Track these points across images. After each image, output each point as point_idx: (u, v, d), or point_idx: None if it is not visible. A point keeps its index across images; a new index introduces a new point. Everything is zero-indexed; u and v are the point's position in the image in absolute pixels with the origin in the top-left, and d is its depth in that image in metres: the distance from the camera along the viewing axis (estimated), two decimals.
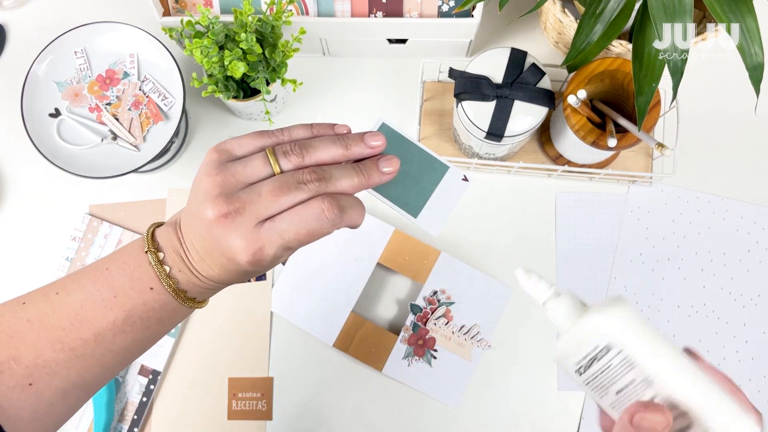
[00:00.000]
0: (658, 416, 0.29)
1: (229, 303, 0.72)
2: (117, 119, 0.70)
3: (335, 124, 0.38)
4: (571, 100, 0.59)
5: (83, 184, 0.74)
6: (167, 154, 0.73)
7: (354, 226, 0.36)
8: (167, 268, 0.36)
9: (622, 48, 0.63)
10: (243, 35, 0.61)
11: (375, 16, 0.69)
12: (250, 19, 0.62)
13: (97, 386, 0.37)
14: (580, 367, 0.33)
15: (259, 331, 0.72)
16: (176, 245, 0.37)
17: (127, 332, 0.36)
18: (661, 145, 0.56)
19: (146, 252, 0.36)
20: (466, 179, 0.39)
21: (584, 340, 0.32)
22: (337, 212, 0.34)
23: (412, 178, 0.39)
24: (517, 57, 0.62)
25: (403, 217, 0.39)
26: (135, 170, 0.67)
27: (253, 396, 0.69)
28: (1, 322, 0.35)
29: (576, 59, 0.58)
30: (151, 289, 0.36)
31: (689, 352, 0.33)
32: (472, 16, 0.66)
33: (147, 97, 0.70)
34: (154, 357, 0.71)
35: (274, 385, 0.70)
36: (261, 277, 0.73)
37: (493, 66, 0.62)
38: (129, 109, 0.70)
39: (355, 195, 0.37)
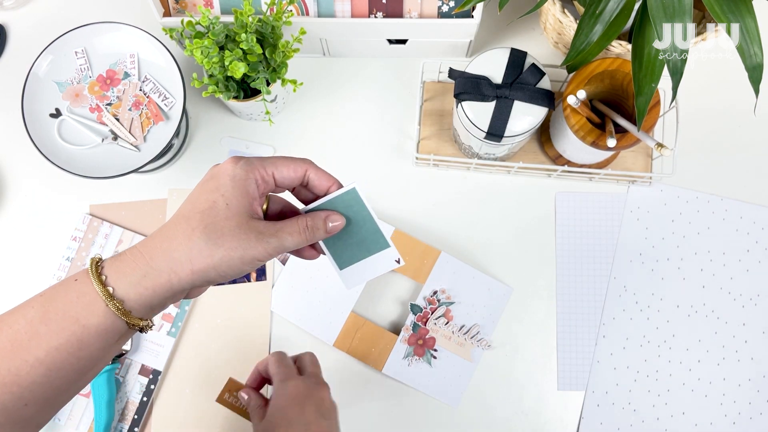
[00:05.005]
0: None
1: (229, 303, 0.72)
2: (117, 119, 0.70)
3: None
4: (571, 100, 0.59)
5: (84, 184, 0.74)
6: (168, 154, 0.73)
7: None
8: (111, 288, 0.37)
9: (621, 48, 0.63)
10: (243, 35, 0.61)
11: (375, 17, 0.69)
12: (250, 19, 0.62)
13: (18, 416, 0.36)
14: None
15: (259, 331, 0.72)
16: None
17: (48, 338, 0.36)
18: (660, 145, 0.56)
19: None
20: (399, 261, 0.44)
21: None
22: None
23: (355, 240, 0.43)
24: (517, 57, 0.62)
25: (330, 264, 0.44)
26: (135, 170, 0.67)
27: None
28: None
29: (576, 59, 0.58)
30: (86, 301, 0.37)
31: None
32: (472, 16, 0.66)
33: (147, 97, 0.70)
34: (154, 357, 0.71)
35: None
36: (261, 277, 0.73)
37: (493, 66, 0.62)
38: (129, 110, 0.70)
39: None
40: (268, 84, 0.67)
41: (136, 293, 0.37)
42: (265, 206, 0.43)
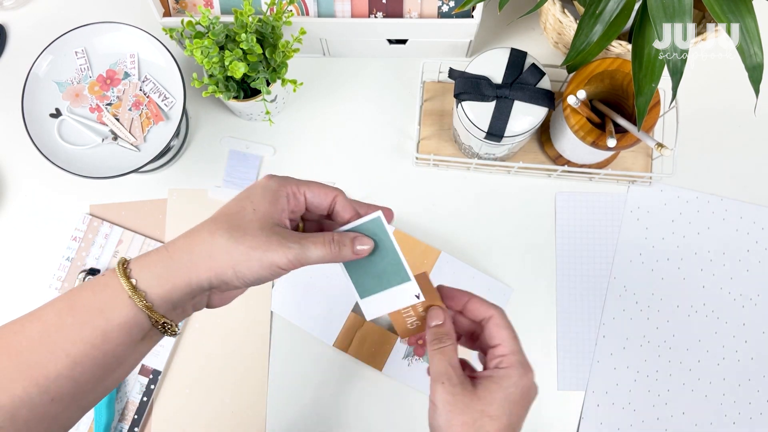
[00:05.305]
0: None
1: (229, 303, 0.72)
2: (117, 119, 0.70)
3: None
4: (571, 100, 0.59)
5: (84, 184, 0.74)
6: (168, 154, 0.73)
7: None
8: (134, 280, 0.38)
9: (621, 48, 0.63)
10: (243, 35, 0.61)
11: (375, 17, 0.69)
12: (250, 19, 0.62)
13: (44, 413, 0.36)
14: None
15: (259, 331, 0.72)
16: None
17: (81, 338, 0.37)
18: (660, 145, 0.56)
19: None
20: (418, 297, 0.43)
21: None
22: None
23: (377, 270, 0.43)
24: (517, 57, 0.62)
25: (351, 291, 0.44)
26: (135, 170, 0.67)
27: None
28: None
29: (576, 59, 0.58)
30: (117, 304, 0.37)
31: None
32: (472, 16, 0.66)
33: (147, 97, 0.70)
34: (154, 357, 0.71)
35: (268, 385, 0.71)
36: None
37: (493, 66, 0.62)
38: (129, 110, 0.70)
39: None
40: (268, 84, 0.67)
41: (157, 285, 0.38)
42: (300, 227, 0.45)
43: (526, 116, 0.61)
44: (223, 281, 0.38)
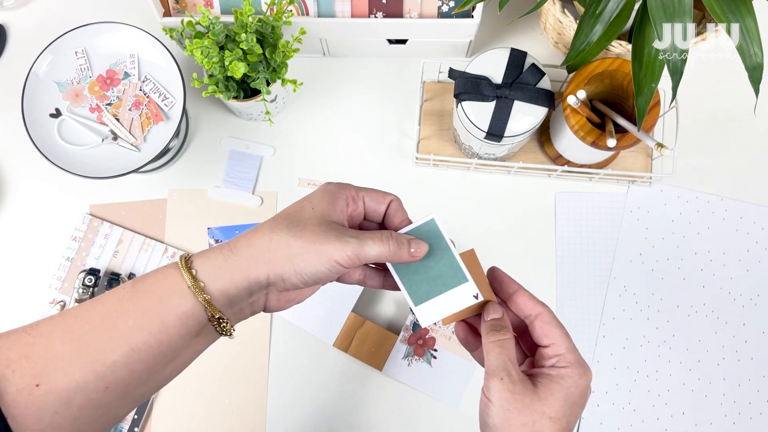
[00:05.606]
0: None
1: None
2: (117, 119, 0.70)
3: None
4: (571, 100, 0.59)
5: (84, 184, 0.74)
6: (168, 154, 0.73)
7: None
8: (194, 271, 0.38)
9: (621, 48, 0.63)
10: (243, 35, 0.61)
11: (375, 17, 0.69)
12: (250, 19, 0.62)
13: (98, 401, 0.36)
14: None
15: (259, 331, 0.72)
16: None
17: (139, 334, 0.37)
18: (660, 145, 0.56)
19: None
20: (477, 297, 0.41)
21: None
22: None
23: (432, 273, 0.41)
24: (517, 57, 0.62)
25: (406, 299, 0.42)
26: (135, 170, 0.67)
27: None
28: (31, 324, 0.37)
29: (576, 59, 0.58)
30: (177, 297, 0.38)
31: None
32: (472, 16, 0.66)
33: (147, 97, 0.70)
34: None
35: (268, 385, 0.71)
36: None
37: (493, 66, 0.62)
38: (129, 110, 0.70)
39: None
40: (268, 84, 0.67)
41: (216, 278, 0.38)
42: None
43: (526, 116, 0.61)
44: (281, 277, 0.39)
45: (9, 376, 0.34)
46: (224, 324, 0.39)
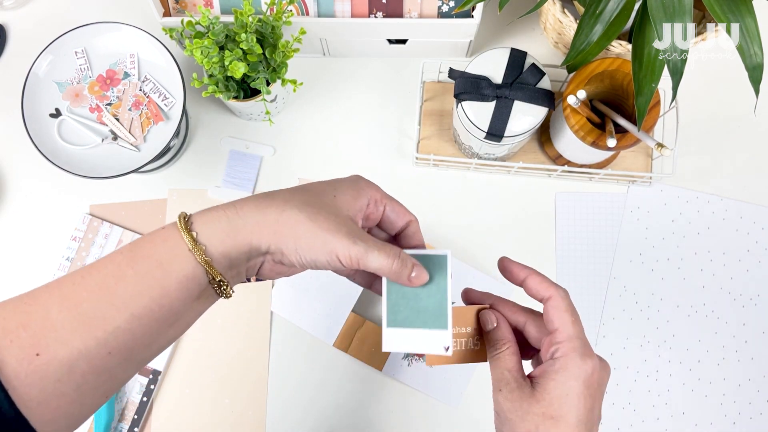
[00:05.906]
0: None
1: (229, 303, 0.72)
2: (117, 119, 0.70)
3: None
4: (571, 100, 0.59)
5: (83, 184, 0.74)
6: (168, 154, 0.73)
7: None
8: (195, 233, 0.37)
9: (621, 48, 0.63)
10: (243, 35, 0.61)
11: (375, 17, 0.69)
12: (250, 19, 0.62)
13: (101, 366, 0.36)
14: None
15: (259, 331, 0.72)
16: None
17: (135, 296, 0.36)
18: (660, 145, 0.56)
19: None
20: (447, 350, 0.39)
21: None
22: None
23: (419, 304, 0.40)
24: (517, 57, 0.62)
25: (382, 314, 0.41)
26: (135, 170, 0.67)
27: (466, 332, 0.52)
28: (27, 293, 0.36)
29: (576, 59, 0.58)
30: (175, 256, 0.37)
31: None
32: (472, 16, 0.66)
33: (147, 97, 0.70)
34: None
35: (268, 385, 0.71)
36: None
37: (493, 66, 0.62)
38: (129, 110, 0.70)
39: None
40: (268, 84, 0.67)
41: (218, 239, 0.37)
42: None
43: (526, 116, 0.61)
44: (281, 251, 0.38)
45: (8, 347, 0.33)
46: (224, 286, 0.38)
